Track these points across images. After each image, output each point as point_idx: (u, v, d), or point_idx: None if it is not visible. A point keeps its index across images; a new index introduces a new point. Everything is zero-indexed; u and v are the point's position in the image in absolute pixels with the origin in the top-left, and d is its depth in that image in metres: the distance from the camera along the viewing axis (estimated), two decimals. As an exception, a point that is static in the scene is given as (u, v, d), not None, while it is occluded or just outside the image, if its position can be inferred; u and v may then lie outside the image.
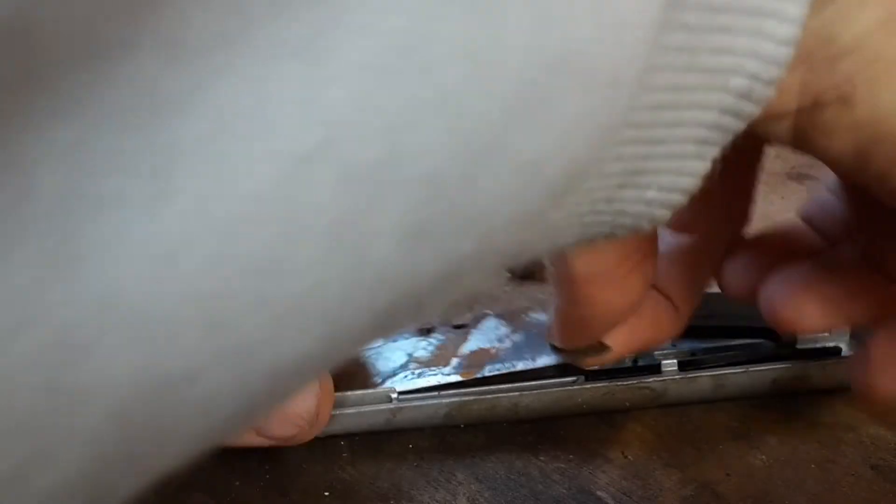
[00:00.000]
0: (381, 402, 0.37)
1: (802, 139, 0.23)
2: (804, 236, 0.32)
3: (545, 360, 0.37)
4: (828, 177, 0.32)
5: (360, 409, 0.37)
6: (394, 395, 0.37)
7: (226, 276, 0.14)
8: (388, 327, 0.17)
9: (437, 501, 0.35)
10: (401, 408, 0.37)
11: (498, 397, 0.37)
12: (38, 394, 0.14)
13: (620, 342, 0.34)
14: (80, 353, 0.14)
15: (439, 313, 0.40)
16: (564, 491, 0.36)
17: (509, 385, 0.38)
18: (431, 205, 0.16)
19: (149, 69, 0.13)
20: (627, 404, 0.38)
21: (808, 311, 0.29)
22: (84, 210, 0.13)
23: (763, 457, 0.37)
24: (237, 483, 0.36)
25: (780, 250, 0.31)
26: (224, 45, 0.14)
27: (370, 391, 0.37)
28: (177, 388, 0.15)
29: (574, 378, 0.38)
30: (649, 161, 0.20)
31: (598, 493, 0.36)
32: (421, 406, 0.37)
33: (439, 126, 0.15)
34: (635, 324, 0.33)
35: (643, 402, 0.39)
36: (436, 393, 0.37)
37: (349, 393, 0.37)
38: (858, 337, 0.41)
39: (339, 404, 0.36)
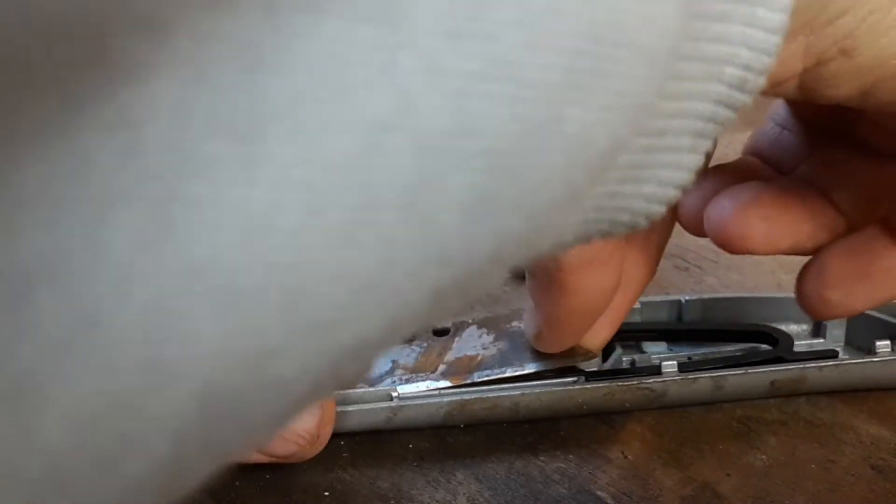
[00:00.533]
0: (381, 400, 0.37)
1: (808, 93, 0.24)
2: (755, 167, 0.32)
3: (533, 366, 0.37)
4: (776, 109, 0.32)
5: (360, 408, 0.37)
6: (395, 394, 0.37)
7: (309, 246, 0.14)
8: (436, 314, 0.17)
9: (437, 501, 0.35)
10: (401, 406, 0.37)
11: (499, 396, 0.37)
12: (132, 371, 0.13)
13: (601, 338, 0.35)
14: (172, 325, 0.13)
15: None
16: (564, 491, 0.36)
17: (510, 385, 0.38)
18: (491, 176, 0.16)
19: (247, 26, 0.13)
20: (627, 405, 0.38)
21: (754, 228, 0.28)
22: (183, 172, 0.13)
23: (763, 457, 0.37)
24: (237, 483, 0.36)
25: (731, 178, 0.31)
26: (311, 5, 0.13)
27: (371, 389, 0.37)
28: (257, 365, 0.14)
29: (574, 378, 0.38)
30: (650, 154, 0.20)
31: (598, 493, 0.36)
32: (422, 405, 0.37)
33: (502, 94, 0.15)
34: (607, 312, 0.34)
35: (643, 403, 0.39)
36: (437, 391, 0.37)
37: (350, 391, 0.37)
38: (854, 344, 0.42)
39: (339, 402, 0.36)
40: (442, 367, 0.38)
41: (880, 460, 0.37)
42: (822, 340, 0.42)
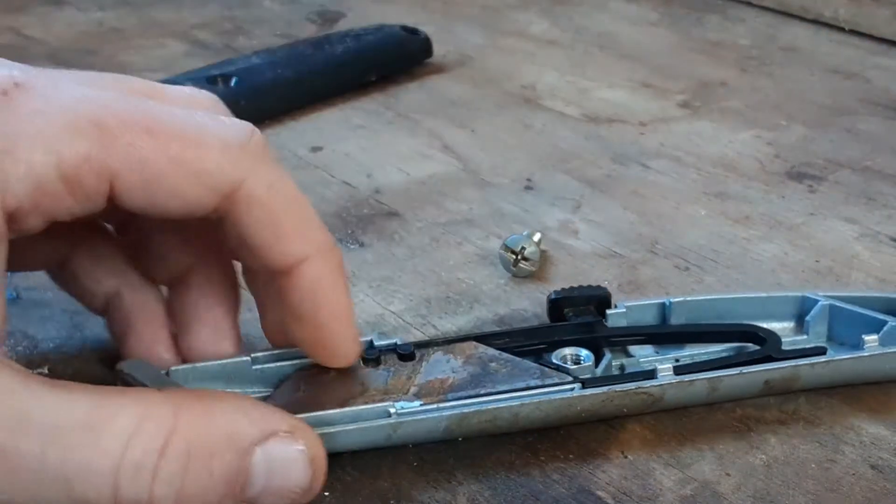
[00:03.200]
0: (380, 417, 0.36)
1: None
2: None
3: (505, 386, 0.37)
4: None
5: (360, 426, 0.36)
6: (393, 410, 0.36)
7: None
8: None
9: (436, 501, 0.35)
10: (401, 423, 0.36)
11: (498, 408, 0.37)
12: None
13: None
14: None
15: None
16: (564, 491, 0.36)
17: (508, 395, 0.37)
18: None
19: None
20: (625, 410, 0.38)
21: None
22: None
23: (763, 456, 0.37)
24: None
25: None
26: None
27: (368, 406, 0.36)
28: None
29: (572, 386, 0.38)
30: None
31: (598, 492, 0.36)
32: (421, 420, 0.36)
33: None
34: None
35: (641, 408, 0.38)
36: (435, 406, 0.37)
37: (347, 409, 0.36)
38: (837, 340, 0.42)
39: (335, 421, 0.36)
40: (413, 389, 0.37)
41: (880, 460, 0.37)
42: (805, 337, 0.42)
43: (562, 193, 0.56)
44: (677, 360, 0.41)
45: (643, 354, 0.41)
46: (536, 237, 0.49)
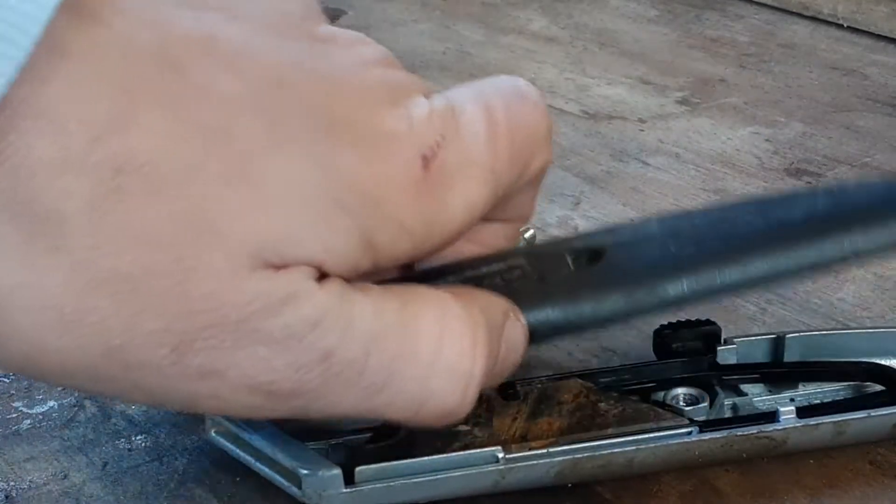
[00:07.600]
0: (487, 462, 0.34)
1: None
2: None
3: (616, 429, 0.36)
4: None
5: (465, 472, 0.34)
6: (500, 455, 0.34)
7: None
8: None
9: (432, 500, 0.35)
10: (510, 469, 0.34)
11: (612, 453, 0.35)
12: None
13: None
14: None
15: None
16: (564, 488, 0.36)
17: (622, 439, 0.35)
18: None
19: None
20: (745, 455, 0.36)
21: None
22: None
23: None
24: (237, 479, 0.36)
25: None
26: None
27: (473, 451, 0.34)
28: None
29: (689, 430, 0.36)
30: None
31: (598, 488, 0.36)
32: (531, 465, 0.34)
33: None
34: None
35: (761, 452, 0.36)
36: (545, 451, 0.35)
37: (451, 455, 0.34)
38: None
39: (438, 467, 0.34)
40: (520, 432, 0.35)
41: (878, 455, 0.37)
42: None
43: (561, 190, 0.56)
44: (792, 400, 0.39)
45: (756, 393, 0.39)
46: (528, 234, 0.49)
